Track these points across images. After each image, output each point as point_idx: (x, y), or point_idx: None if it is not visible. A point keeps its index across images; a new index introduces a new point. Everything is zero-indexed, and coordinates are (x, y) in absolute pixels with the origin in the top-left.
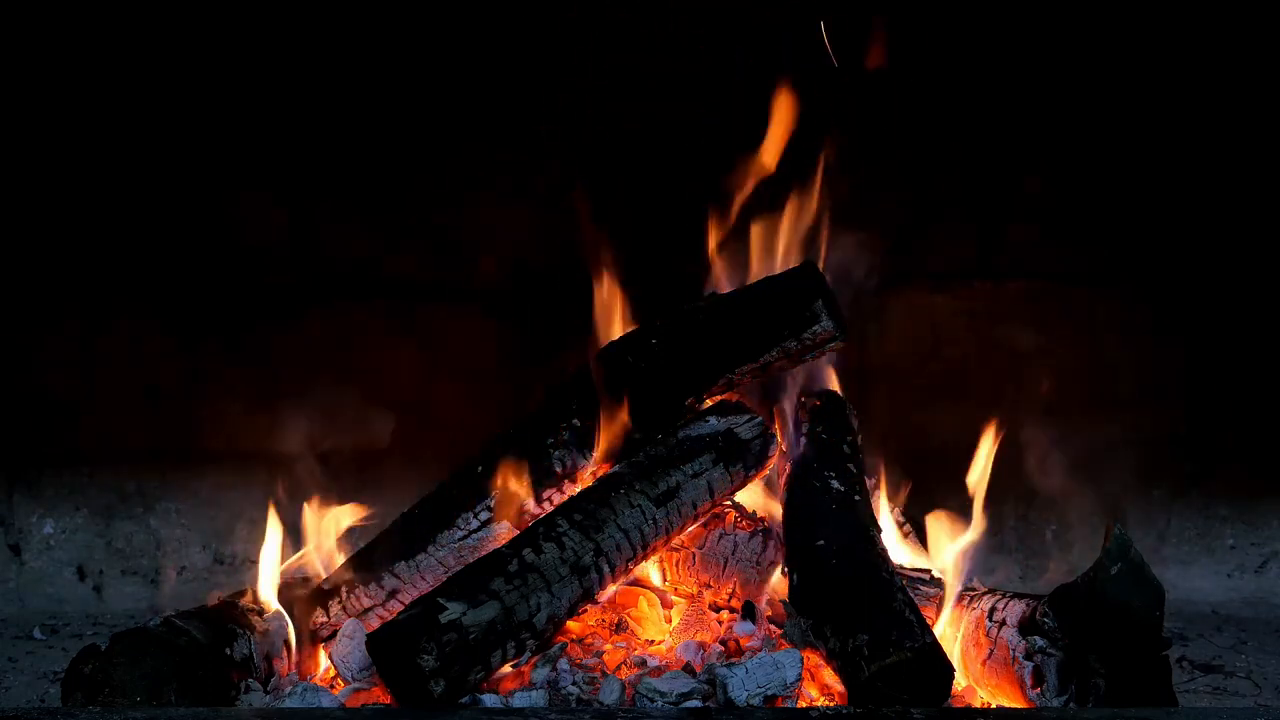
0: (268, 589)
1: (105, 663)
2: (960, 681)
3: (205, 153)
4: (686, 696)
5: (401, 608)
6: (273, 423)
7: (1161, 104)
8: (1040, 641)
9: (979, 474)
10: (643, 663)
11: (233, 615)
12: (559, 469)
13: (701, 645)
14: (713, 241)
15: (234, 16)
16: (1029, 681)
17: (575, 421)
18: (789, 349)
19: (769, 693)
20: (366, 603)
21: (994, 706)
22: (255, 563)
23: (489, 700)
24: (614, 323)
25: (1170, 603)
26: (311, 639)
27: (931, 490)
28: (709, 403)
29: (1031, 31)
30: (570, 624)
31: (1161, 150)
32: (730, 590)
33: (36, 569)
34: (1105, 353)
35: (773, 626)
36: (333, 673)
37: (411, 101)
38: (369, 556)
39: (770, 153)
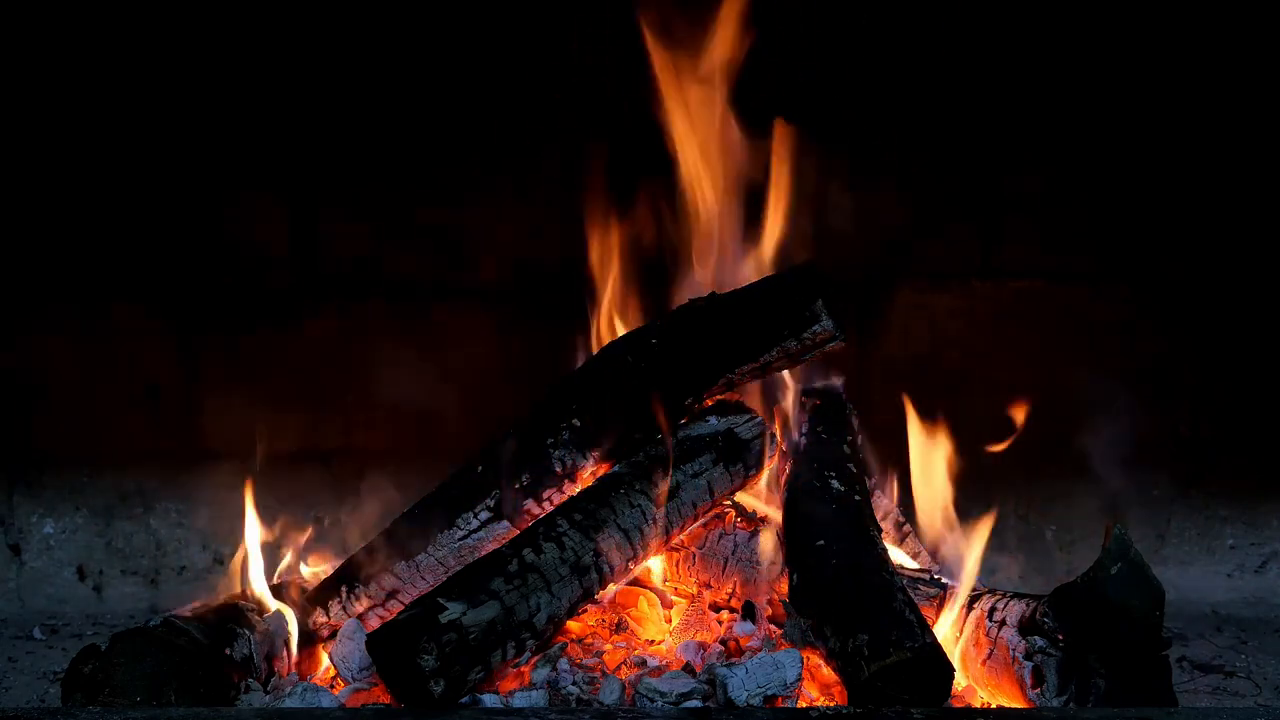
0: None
1: (105, 663)
2: (960, 681)
3: (206, 152)
4: (686, 696)
5: (401, 608)
6: (273, 423)
7: (1162, 104)
8: (1040, 641)
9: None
10: (643, 663)
11: (233, 615)
12: (559, 469)
13: (701, 645)
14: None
15: (236, 15)
16: (1029, 681)
17: (575, 421)
18: (789, 349)
19: (769, 693)
20: (366, 603)
21: (994, 706)
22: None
23: (489, 700)
24: (614, 322)
25: (1170, 603)
26: (311, 639)
27: None
28: (709, 403)
29: (1032, 29)
30: (570, 624)
31: (1163, 150)
32: (730, 590)
33: (36, 569)
34: (1105, 352)
35: (773, 626)
36: (333, 673)
37: (412, 102)
38: (368, 556)
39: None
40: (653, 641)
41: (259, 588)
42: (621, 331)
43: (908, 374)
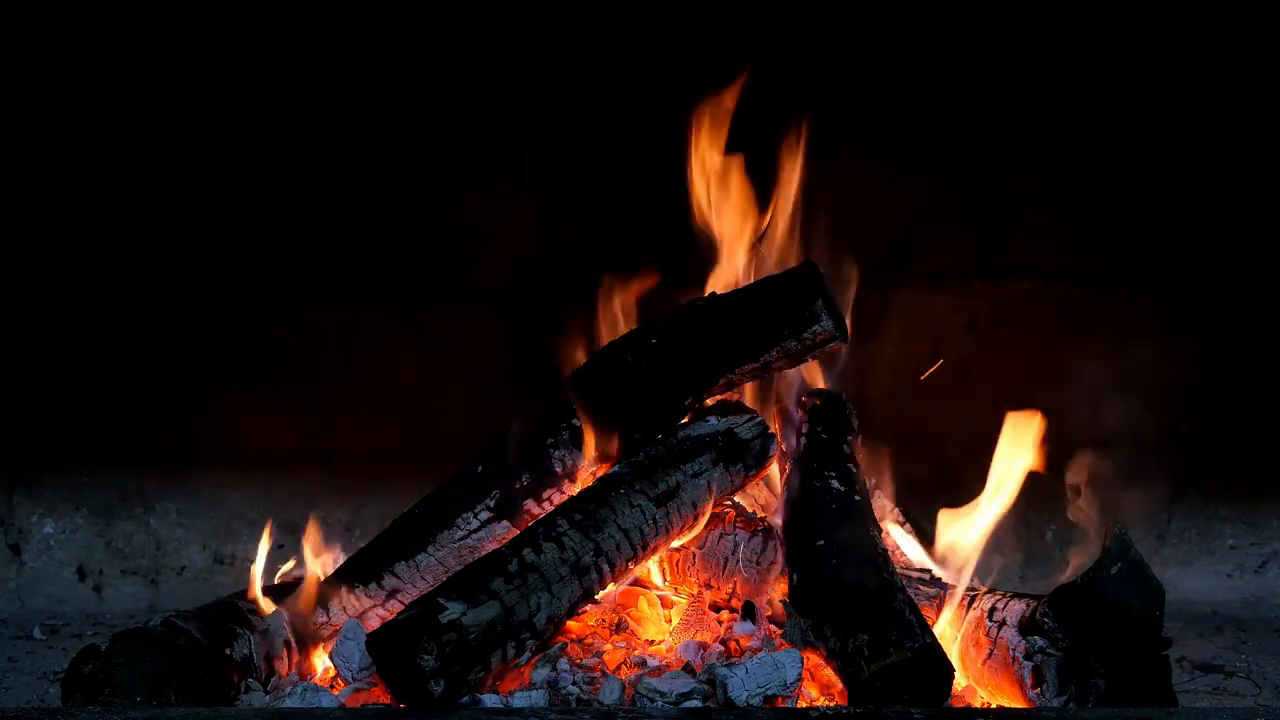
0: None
1: (105, 663)
2: (960, 681)
3: (206, 151)
4: (686, 696)
5: (401, 608)
6: (273, 423)
7: (1162, 104)
8: (1040, 641)
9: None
10: (643, 663)
11: (233, 615)
12: (559, 469)
13: (701, 645)
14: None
15: (237, 14)
16: (1029, 681)
17: (575, 421)
18: (789, 349)
19: (769, 693)
20: (366, 603)
21: (994, 706)
22: (254, 562)
23: (489, 700)
24: (615, 322)
25: (1170, 603)
26: (311, 639)
27: (932, 490)
28: (709, 402)
29: (1033, 29)
30: (570, 624)
31: (1163, 150)
32: (730, 590)
33: (36, 569)
34: (1105, 353)
35: (773, 626)
36: (333, 673)
37: (413, 102)
38: (369, 556)
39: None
40: (653, 641)
41: (259, 587)
42: (622, 331)
43: (908, 374)
